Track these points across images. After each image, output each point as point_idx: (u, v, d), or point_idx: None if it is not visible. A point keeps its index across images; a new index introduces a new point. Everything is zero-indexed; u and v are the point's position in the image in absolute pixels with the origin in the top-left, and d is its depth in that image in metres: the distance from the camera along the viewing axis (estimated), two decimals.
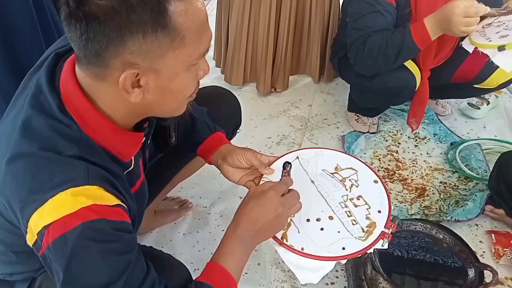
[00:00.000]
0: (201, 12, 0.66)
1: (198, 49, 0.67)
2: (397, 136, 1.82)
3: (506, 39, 1.24)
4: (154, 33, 0.61)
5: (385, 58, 1.44)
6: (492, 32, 1.32)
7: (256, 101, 2.07)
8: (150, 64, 0.64)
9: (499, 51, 1.24)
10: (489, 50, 1.27)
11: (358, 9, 1.47)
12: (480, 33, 1.35)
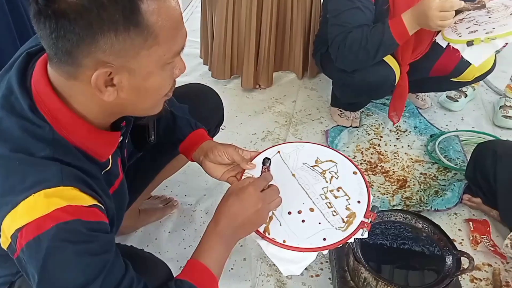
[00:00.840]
0: (175, 11, 0.66)
1: (173, 48, 0.68)
2: (379, 129, 1.86)
3: (475, 35, 1.28)
4: (126, 31, 0.61)
5: (365, 53, 1.46)
6: (463, 27, 1.36)
7: (241, 98, 2.08)
8: (123, 63, 0.64)
9: (468, 46, 1.27)
10: (459, 45, 1.30)
11: (338, 6, 1.49)
12: (452, 29, 1.38)
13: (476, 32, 1.29)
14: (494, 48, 1.27)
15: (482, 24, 1.32)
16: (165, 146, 1.08)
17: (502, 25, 1.26)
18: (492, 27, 1.28)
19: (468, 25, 1.35)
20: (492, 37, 1.24)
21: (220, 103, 1.29)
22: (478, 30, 1.30)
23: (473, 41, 1.26)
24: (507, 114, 1.87)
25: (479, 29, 1.30)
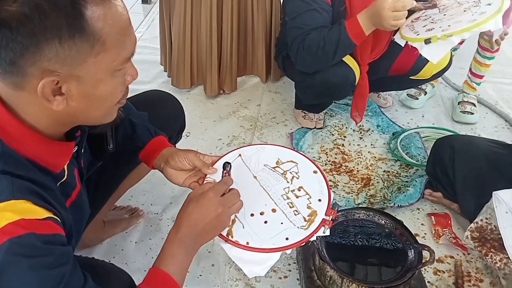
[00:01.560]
0: (122, 16, 0.65)
1: (122, 54, 0.67)
2: (342, 130, 1.89)
3: (431, 32, 1.31)
4: (71, 39, 0.60)
5: (324, 55, 1.49)
6: (420, 25, 1.40)
7: (205, 103, 2.07)
8: (71, 71, 0.63)
9: (425, 44, 1.31)
10: (417, 43, 1.34)
11: (295, 8, 1.51)
12: (409, 27, 1.42)
13: (433, 30, 1.33)
14: (451, 44, 1.31)
15: (438, 22, 1.37)
16: (126, 154, 1.06)
17: (457, 22, 1.30)
18: (448, 24, 1.32)
19: (424, 23, 1.40)
20: (448, 34, 1.28)
21: (181, 109, 1.28)
22: (434, 28, 1.34)
23: (431, 38, 1.30)
24: (465, 109, 1.94)
25: (436, 27, 1.34)
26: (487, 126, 1.93)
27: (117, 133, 1.00)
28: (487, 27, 1.25)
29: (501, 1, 1.31)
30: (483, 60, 1.90)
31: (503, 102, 2.10)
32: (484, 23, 1.24)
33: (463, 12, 1.34)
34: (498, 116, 1.99)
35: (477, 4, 1.35)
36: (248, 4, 1.96)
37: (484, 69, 1.92)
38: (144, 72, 2.28)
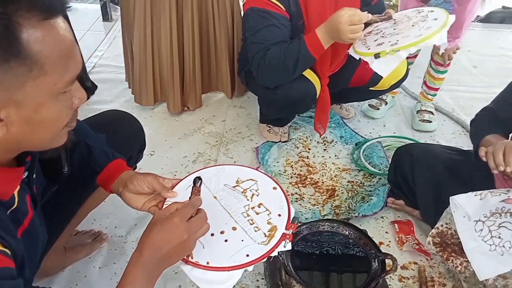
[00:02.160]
0: (63, 38, 0.64)
1: (64, 77, 0.65)
2: (307, 142, 1.91)
3: (381, 47, 1.35)
4: (6, 63, 0.58)
5: (285, 69, 1.51)
6: (371, 40, 1.44)
7: (169, 121, 2.06)
8: (8, 96, 0.61)
9: (375, 59, 1.35)
10: (368, 57, 1.37)
11: (255, 24, 1.53)
12: (362, 41, 1.47)
13: (383, 44, 1.37)
14: (399, 59, 1.35)
15: (388, 36, 1.41)
16: (83, 178, 1.03)
17: (405, 37, 1.35)
18: (397, 39, 1.36)
19: (375, 38, 1.44)
20: (396, 49, 1.32)
21: (140, 128, 1.27)
22: (384, 42, 1.38)
23: (380, 53, 1.34)
24: (424, 118, 2.00)
25: (385, 41, 1.38)
26: (445, 133, 2.00)
27: (72, 157, 0.98)
28: (433, 41, 1.30)
29: (445, 17, 1.37)
30: (437, 75, 1.98)
31: (460, 109, 2.17)
32: (430, 38, 1.29)
33: (411, 27, 1.39)
34: (455, 123, 2.06)
35: (424, 19, 1.41)
36: (210, 20, 1.98)
37: (438, 82, 2.00)
38: (106, 91, 2.26)
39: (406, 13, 1.51)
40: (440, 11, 1.43)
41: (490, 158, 1.12)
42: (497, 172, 1.12)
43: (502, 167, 1.09)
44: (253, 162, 1.80)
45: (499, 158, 1.10)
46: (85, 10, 3.30)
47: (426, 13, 1.45)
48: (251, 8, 1.51)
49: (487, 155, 1.14)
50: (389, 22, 1.48)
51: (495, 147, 1.14)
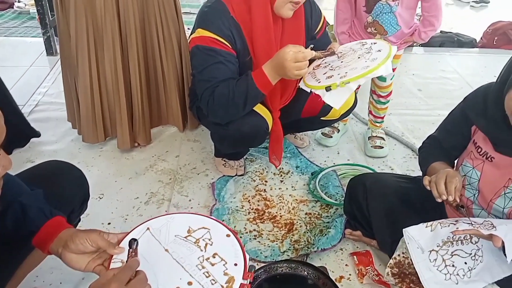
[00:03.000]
0: None
1: None
2: (263, 174, 1.89)
3: (331, 80, 1.37)
4: None
5: (234, 106, 1.49)
6: (320, 73, 1.45)
7: (119, 159, 1.98)
8: None
9: (327, 91, 1.36)
10: (319, 91, 1.38)
11: (202, 61, 1.50)
12: (312, 75, 1.48)
13: (332, 77, 1.39)
14: (349, 91, 1.36)
15: (336, 69, 1.43)
16: (19, 240, 0.95)
17: (353, 69, 1.37)
18: (345, 71, 1.38)
19: (324, 71, 1.46)
20: (346, 81, 1.33)
21: (82, 178, 1.20)
22: (333, 75, 1.40)
23: (331, 86, 1.35)
24: (375, 144, 2.04)
25: (335, 74, 1.40)
26: (397, 157, 2.04)
27: (5, 218, 0.90)
28: (380, 72, 1.33)
29: (388, 48, 1.41)
30: (379, 105, 2.04)
31: (408, 133, 2.24)
32: (376, 69, 1.32)
33: (357, 59, 1.42)
34: (406, 147, 2.12)
35: (369, 51, 1.44)
36: (156, 54, 1.94)
37: (382, 111, 2.06)
38: (51, 131, 2.15)
39: (350, 45, 1.54)
40: (382, 42, 1.47)
41: (433, 187, 1.16)
42: (441, 201, 1.14)
43: (444, 196, 1.12)
44: (209, 199, 1.75)
45: (441, 188, 1.13)
46: (28, 44, 3.18)
47: (370, 45, 1.48)
48: (196, 46, 1.49)
49: (430, 184, 1.17)
50: (333, 57, 1.50)
51: (437, 176, 1.17)
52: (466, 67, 3.03)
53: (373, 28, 1.83)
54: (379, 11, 1.77)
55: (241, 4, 1.49)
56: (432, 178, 1.18)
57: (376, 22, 1.81)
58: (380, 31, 1.82)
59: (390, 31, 1.82)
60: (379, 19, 1.79)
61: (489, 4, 4.95)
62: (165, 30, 1.90)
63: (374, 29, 1.83)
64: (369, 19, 1.82)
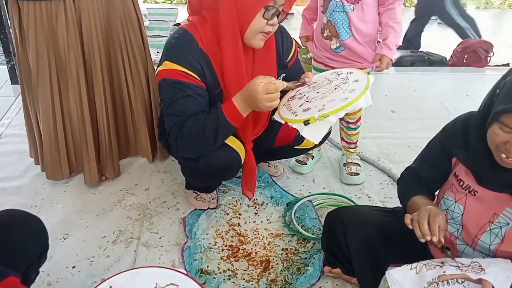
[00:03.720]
0: None
1: None
2: (237, 206, 1.82)
3: (309, 113, 1.32)
4: None
5: (205, 141, 1.42)
6: (296, 105, 1.41)
7: (85, 195, 1.87)
8: None
9: (305, 125, 1.31)
10: (297, 124, 1.33)
11: (170, 95, 1.44)
12: (287, 107, 1.43)
13: (310, 110, 1.33)
14: (329, 124, 1.32)
15: (313, 101, 1.38)
16: None
17: (331, 101, 1.32)
18: (323, 103, 1.33)
19: (300, 102, 1.41)
20: (325, 114, 1.28)
21: (41, 229, 1.10)
22: (310, 107, 1.35)
23: (309, 120, 1.30)
24: (351, 171, 2.00)
25: (312, 106, 1.35)
26: (373, 184, 2.01)
27: None
28: (359, 104, 1.29)
29: (366, 78, 1.37)
30: (350, 131, 2.01)
31: (384, 157, 2.21)
32: (356, 101, 1.28)
33: (334, 90, 1.38)
34: (382, 173, 2.09)
35: (345, 81, 1.40)
36: (123, 85, 1.86)
37: (354, 137, 2.03)
38: (14, 165, 2.03)
39: (325, 75, 1.51)
40: (359, 72, 1.44)
41: (415, 227, 1.10)
42: (424, 241, 1.09)
43: (428, 237, 1.07)
44: (180, 235, 1.67)
45: (424, 228, 1.08)
46: None
47: (346, 75, 1.45)
48: (164, 79, 1.42)
49: (412, 223, 1.12)
50: (305, 87, 1.46)
51: (419, 215, 1.12)
52: (438, 86, 3.06)
53: (328, 30, 1.79)
54: (332, 9, 1.74)
55: (210, 35, 1.43)
56: (414, 217, 1.13)
57: (330, 23, 1.77)
58: (333, 33, 1.78)
59: (342, 34, 1.76)
60: (332, 18, 1.75)
61: None
62: (131, 60, 1.83)
63: (329, 31, 1.79)
64: (324, 20, 1.79)
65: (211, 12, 1.40)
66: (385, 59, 1.75)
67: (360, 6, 1.72)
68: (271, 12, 1.37)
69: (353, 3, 1.71)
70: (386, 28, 1.75)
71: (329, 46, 1.82)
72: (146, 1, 5.54)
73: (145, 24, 4.28)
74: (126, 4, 1.75)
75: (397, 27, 1.74)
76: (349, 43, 1.77)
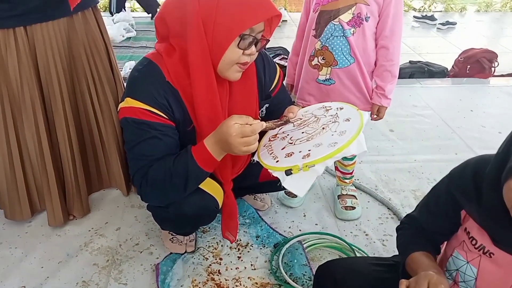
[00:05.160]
0: None
1: None
2: (218, 249, 1.62)
3: (292, 159, 1.12)
4: None
5: (173, 189, 1.23)
6: (278, 147, 1.21)
7: (49, 238, 1.67)
8: None
9: (287, 175, 1.11)
10: (278, 173, 1.14)
11: (132, 136, 1.23)
12: (268, 149, 1.24)
13: (293, 156, 1.14)
14: (315, 174, 1.11)
15: (297, 143, 1.19)
16: None
17: (318, 146, 1.13)
18: (308, 148, 1.14)
19: (283, 144, 1.21)
20: (310, 163, 1.09)
21: None
22: (294, 152, 1.15)
23: (292, 169, 1.10)
24: (346, 204, 1.81)
25: (295, 150, 1.16)
26: (371, 218, 1.81)
27: None
28: (351, 151, 1.09)
29: (359, 116, 1.18)
30: (346, 162, 1.81)
31: (383, 185, 2.02)
32: (347, 147, 1.08)
33: (322, 130, 1.19)
34: (381, 204, 1.89)
35: (335, 120, 1.21)
36: (90, 116, 1.68)
37: (350, 167, 1.83)
38: None
39: (312, 110, 1.31)
40: (350, 109, 1.24)
41: None
42: None
43: None
44: (152, 287, 1.47)
45: None
46: None
47: (336, 112, 1.26)
48: (125, 118, 1.22)
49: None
50: (295, 123, 1.27)
51: (417, 282, 0.93)
52: (440, 100, 2.87)
53: (321, 57, 1.56)
54: (329, 34, 1.52)
55: (178, 66, 1.22)
56: (411, 284, 0.95)
57: (325, 49, 1.55)
58: (329, 60, 1.55)
59: (341, 62, 1.54)
60: (328, 44, 1.53)
61: (456, 25, 4.88)
62: (99, 90, 1.65)
63: (322, 58, 1.56)
64: (318, 45, 1.56)
65: (179, 40, 1.20)
66: (383, 110, 1.60)
67: (361, 30, 1.51)
68: (247, 41, 1.17)
69: (353, 26, 1.50)
70: (383, 72, 1.56)
71: (316, 77, 1.61)
72: (134, 10, 5.32)
73: (131, 35, 4.14)
74: (91, 31, 1.56)
75: (395, 70, 1.57)
76: (349, 72, 1.56)
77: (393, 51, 1.53)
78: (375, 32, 1.53)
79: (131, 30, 4.14)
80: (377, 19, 1.51)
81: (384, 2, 1.48)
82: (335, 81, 1.58)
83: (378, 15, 1.50)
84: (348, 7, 1.49)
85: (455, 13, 5.73)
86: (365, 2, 1.48)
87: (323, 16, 1.53)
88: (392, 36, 1.50)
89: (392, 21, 1.49)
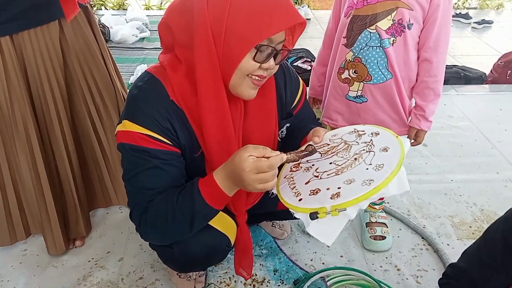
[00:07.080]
0: None
1: None
2: (231, 285, 1.44)
3: (318, 198, 0.92)
4: None
5: (177, 229, 1.04)
6: (301, 181, 1.01)
7: (44, 269, 1.52)
8: None
9: (312, 220, 0.91)
10: (301, 214, 0.94)
11: (130, 166, 1.05)
12: (289, 182, 1.04)
13: (319, 194, 0.94)
14: (346, 218, 0.90)
15: (324, 178, 0.99)
16: None
17: (349, 182, 0.93)
18: (338, 185, 0.94)
19: (307, 178, 1.01)
20: (339, 207, 0.88)
21: None
22: (321, 189, 0.95)
23: (318, 212, 0.90)
24: (375, 233, 1.59)
25: (322, 186, 0.96)
26: (403, 249, 1.59)
27: None
28: (390, 191, 0.89)
29: (399, 144, 0.98)
30: None
31: (416, 210, 1.80)
32: (385, 185, 0.88)
33: (354, 162, 0.99)
34: (414, 232, 1.67)
35: (370, 149, 1.01)
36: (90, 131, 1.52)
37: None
38: None
39: (342, 134, 1.11)
40: (388, 134, 1.04)
41: None
42: None
43: None
44: None
45: None
46: None
47: (370, 138, 1.05)
48: (122, 144, 1.04)
49: None
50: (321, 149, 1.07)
51: None
52: (478, 110, 2.61)
53: (352, 71, 1.35)
54: (363, 43, 1.30)
55: (184, 83, 1.03)
56: None
57: (358, 61, 1.33)
58: (362, 74, 1.34)
59: (375, 77, 1.32)
60: (362, 55, 1.32)
61: (492, 24, 4.56)
62: (97, 101, 1.48)
63: (354, 72, 1.35)
64: (349, 56, 1.35)
65: (185, 51, 1.01)
66: (422, 134, 1.40)
67: (402, 40, 1.29)
68: (265, 53, 0.97)
69: (393, 34, 1.28)
70: (424, 90, 1.35)
71: (345, 93, 1.41)
72: (149, 8, 5.15)
73: (145, 35, 3.97)
74: (84, 37, 1.38)
75: (438, 88, 1.34)
76: (385, 89, 1.35)
77: (438, 65, 1.31)
78: (418, 42, 1.32)
79: (144, 30, 3.95)
80: (421, 27, 1.29)
81: (430, 6, 1.26)
82: (368, 99, 1.37)
83: (422, 21, 1.29)
84: (387, 12, 1.27)
85: (490, 10, 5.38)
86: (408, 6, 1.26)
87: (356, 22, 1.32)
88: (437, 48, 1.29)
89: (438, 30, 1.27)
